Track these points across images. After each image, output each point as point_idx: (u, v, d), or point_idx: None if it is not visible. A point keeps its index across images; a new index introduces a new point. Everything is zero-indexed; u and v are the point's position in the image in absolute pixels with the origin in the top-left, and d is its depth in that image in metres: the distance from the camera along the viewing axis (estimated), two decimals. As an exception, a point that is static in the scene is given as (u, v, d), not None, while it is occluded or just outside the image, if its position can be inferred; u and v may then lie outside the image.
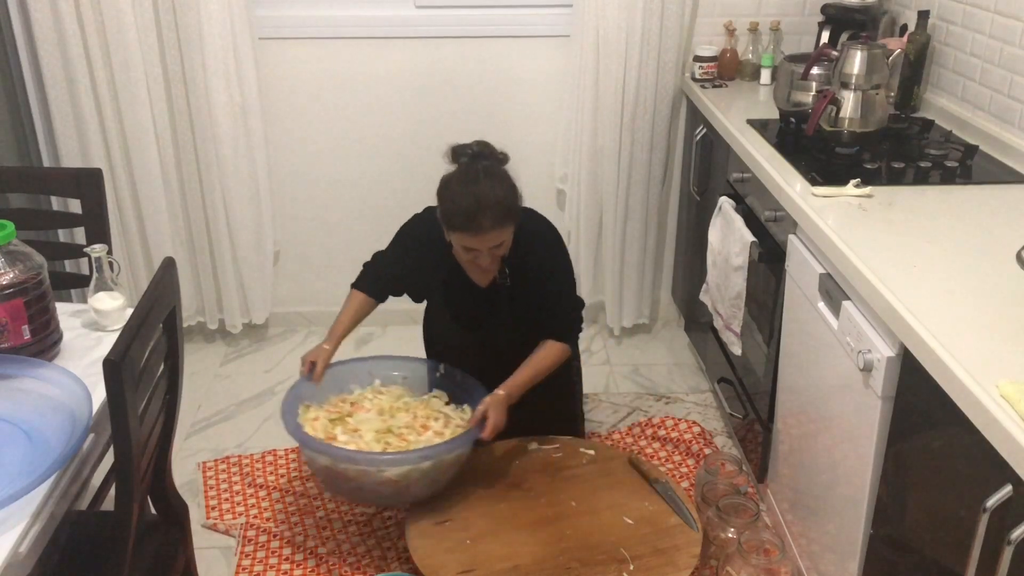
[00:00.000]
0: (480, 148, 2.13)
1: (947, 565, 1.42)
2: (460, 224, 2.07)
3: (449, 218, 2.08)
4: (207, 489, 2.53)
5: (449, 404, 2.40)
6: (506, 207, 2.07)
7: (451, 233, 2.11)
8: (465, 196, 2.04)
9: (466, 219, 2.05)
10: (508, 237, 2.13)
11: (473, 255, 2.13)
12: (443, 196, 2.10)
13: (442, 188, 2.11)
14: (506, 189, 2.09)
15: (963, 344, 1.37)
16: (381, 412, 2.32)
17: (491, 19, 3.01)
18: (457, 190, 2.07)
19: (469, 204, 2.03)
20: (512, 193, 2.11)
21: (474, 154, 2.12)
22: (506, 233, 2.11)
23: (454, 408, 2.38)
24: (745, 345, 2.44)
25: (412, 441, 2.22)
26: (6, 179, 2.32)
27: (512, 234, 2.15)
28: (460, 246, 2.13)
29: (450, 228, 2.10)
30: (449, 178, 2.11)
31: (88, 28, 2.78)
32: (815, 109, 2.22)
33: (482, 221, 2.04)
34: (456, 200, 2.06)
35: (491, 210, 2.04)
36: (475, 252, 2.12)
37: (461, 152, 2.13)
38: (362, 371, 2.44)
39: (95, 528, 1.70)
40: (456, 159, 2.13)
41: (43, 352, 1.68)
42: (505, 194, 2.08)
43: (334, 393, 2.37)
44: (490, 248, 2.10)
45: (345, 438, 2.20)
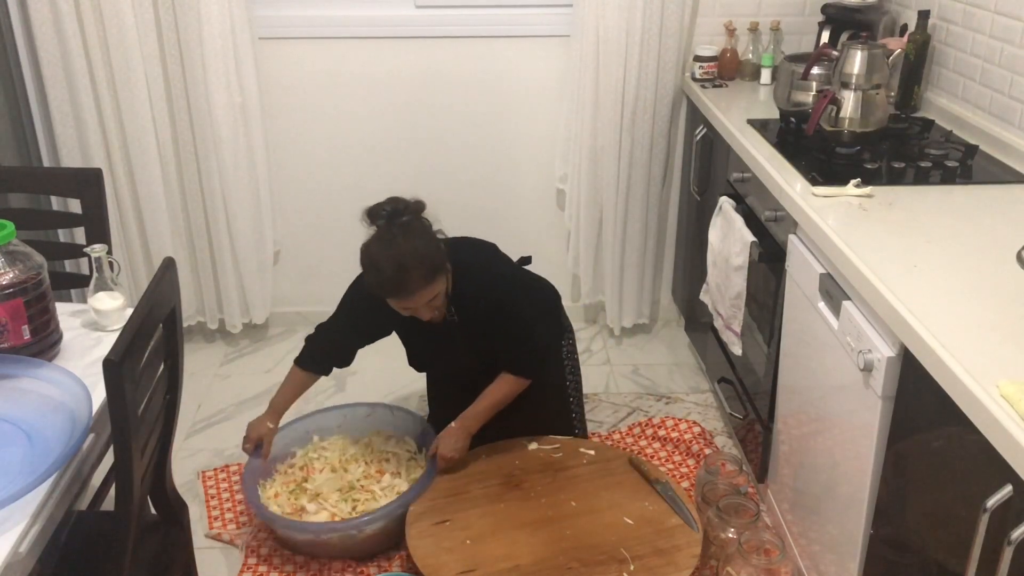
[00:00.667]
0: (393, 206, 2.08)
1: (947, 565, 1.42)
2: (389, 292, 2.07)
3: (377, 289, 2.07)
4: (208, 499, 2.51)
5: (390, 439, 2.54)
6: (430, 264, 2.05)
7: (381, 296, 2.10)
8: (387, 264, 2.02)
9: (394, 287, 2.04)
10: (441, 287, 2.12)
11: (411, 312, 2.13)
12: (366, 267, 2.07)
13: (364, 258, 2.07)
14: (426, 243, 2.06)
15: (963, 344, 1.37)
16: (334, 469, 2.42)
17: (491, 19, 3.01)
18: (378, 259, 2.03)
19: (392, 272, 2.02)
20: (433, 246, 2.08)
21: (388, 214, 2.07)
22: (437, 286, 2.10)
23: (396, 442, 2.53)
24: (745, 345, 2.44)
25: (376, 491, 2.34)
26: (6, 179, 2.32)
27: (444, 282, 2.13)
28: (396, 307, 2.12)
29: (382, 296, 2.09)
30: (368, 245, 2.08)
31: (88, 28, 2.78)
32: (815, 109, 2.22)
33: (410, 286, 2.03)
34: (380, 270, 2.03)
35: (415, 271, 2.02)
36: (412, 310, 2.12)
37: (376, 214, 2.09)
38: (299, 432, 2.52)
39: (95, 528, 1.70)
40: (373, 222, 2.09)
41: (43, 352, 1.68)
42: (426, 250, 2.05)
43: (280, 461, 2.46)
44: (426, 303, 2.10)
45: (313, 507, 2.30)
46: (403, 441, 2.53)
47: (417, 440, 2.51)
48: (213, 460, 2.68)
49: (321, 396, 3.00)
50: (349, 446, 2.50)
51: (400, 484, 2.36)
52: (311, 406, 2.91)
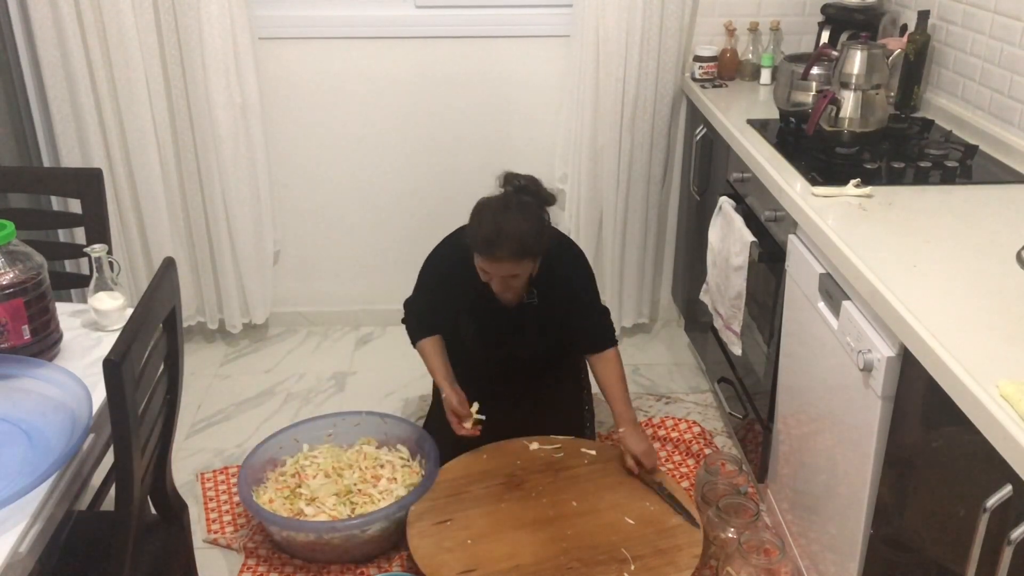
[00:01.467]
0: (527, 183, 2.21)
1: (947, 565, 1.42)
2: (477, 247, 2.16)
3: (471, 238, 2.17)
4: (207, 501, 2.51)
5: (381, 448, 2.53)
6: (524, 244, 2.12)
7: (474, 253, 2.18)
8: (490, 223, 2.13)
9: (484, 245, 2.13)
10: (524, 271, 2.19)
11: (486, 276, 2.20)
12: (473, 216, 2.19)
13: (475, 209, 2.20)
14: (531, 227, 2.14)
15: (963, 344, 1.37)
16: (328, 475, 2.41)
17: (491, 19, 3.01)
18: (486, 215, 2.15)
19: (490, 232, 2.12)
20: (535, 233, 2.15)
21: (519, 187, 2.20)
22: (521, 267, 2.17)
23: (388, 450, 2.52)
24: (745, 345, 2.44)
25: (374, 494, 2.33)
26: (6, 179, 2.32)
27: (530, 268, 2.21)
28: (477, 266, 2.21)
29: (471, 247, 2.18)
30: (485, 201, 2.20)
31: (88, 28, 2.78)
32: (815, 109, 2.22)
33: (497, 251, 2.12)
34: (481, 224, 2.14)
35: (509, 243, 2.11)
36: (488, 277, 2.20)
37: (510, 180, 2.22)
38: (287, 440, 2.51)
39: (95, 528, 1.70)
40: (504, 184, 2.22)
41: (43, 352, 1.68)
42: (527, 231, 2.13)
43: (269, 469, 2.45)
44: (502, 276, 2.17)
45: (312, 510, 2.29)
46: (395, 448, 2.52)
47: (411, 447, 2.50)
48: (213, 460, 2.68)
49: (320, 396, 3.00)
50: (340, 454, 2.48)
51: (397, 489, 2.35)
52: (309, 407, 2.92)
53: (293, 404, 2.96)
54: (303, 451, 2.50)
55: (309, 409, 2.92)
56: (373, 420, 2.56)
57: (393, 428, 2.54)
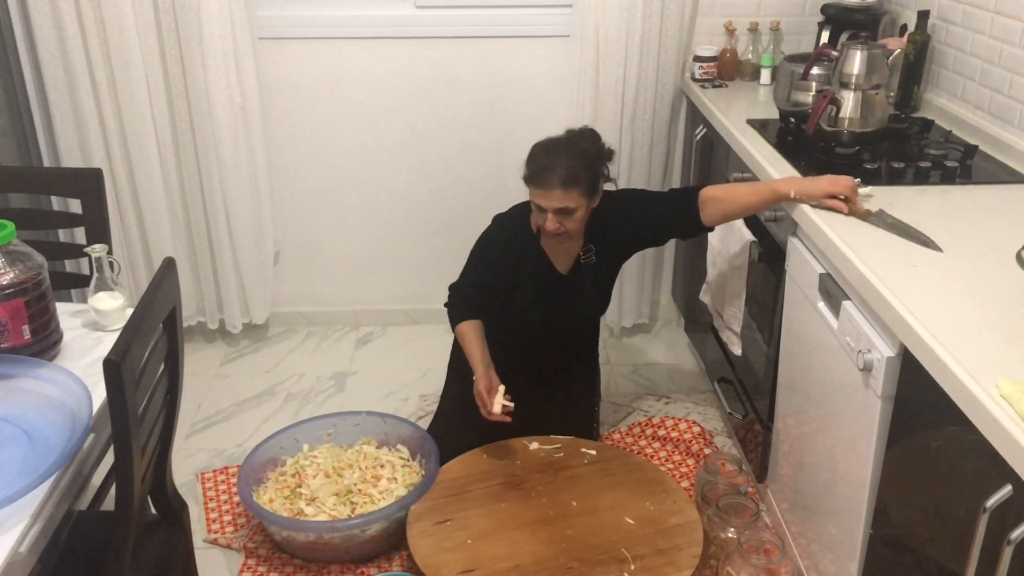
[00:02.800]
0: (585, 130, 2.30)
1: (947, 565, 1.42)
2: (528, 176, 2.21)
3: (526, 171, 2.22)
4: (207, 501, 2.50)
5: (381, 448, 2.52)
6: (573, 173, 2.16)
7: (528, 187, 2.23)
8: (543, 154, 2.21)
9: (535, 173, 2.19)
10: (574, 203, 2.19)
11: (542, 217, 2.22)
12: (529, 154, 2.25)
13: (532, 148, 2.26)
14: (582, 161, 2.19)
15: (963, 344, 1.37)
16: (328, 475, 2.41)
17: (491, 19, 3.01)
18: (539, 149, 2.23)
19: (541, 161, 2.19)
20: (585, 165, 2.19)
21: (578, 132, 2.28)
22: (571, 198, 2.17)
23: (388, 450, 2.51)
24: (745, 345, 2.44)
25: (375, 494, 2.33)
26: (6, 179, 2.32)
27: (581, 205, 2.21)
28: (532, 203, 2.25)
29: (526, 181, 2.23)
30: (542, 142, 2.26)
31: (88, 28, 2.78)
32: (815, 109, 2.22)
33: (548, 177, 2.16)
34: (535, 156, 2.22)
35: (559, 170, 2.15)
36: (543, 214, 2.21)
37: (572, 129, 2.30)
38: (287, 440, 2.51)
39: (95, 528, 1.70)
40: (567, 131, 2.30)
41: (43, 352, 1.68)
42: (577, 162, 2.18)
43: (269, 469, 2.44)
44: (555, 210, 2.19)
45: (312, 510, 2.29)
46: (395, 448, 2.52)
47: (411, 447, 2.50)
48: (213, 460, 2.68)
49: (320, 396, 3.00)
50: (340, 454, 2.48)
51: (398, 489, 2.35)
52: (309, 407, 2.93)
53: (293, 404, 2.96)
54: (303, 451, 2.50)
55: (309, 409, 2.92)
56: (373, 420, 2.56)
57: (393, 428, 2.54)
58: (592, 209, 2.26)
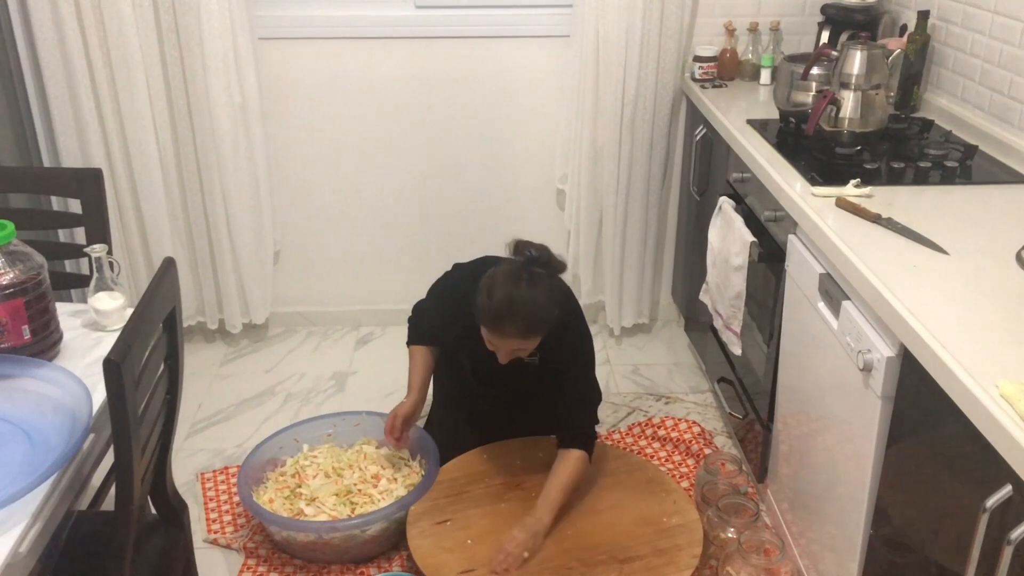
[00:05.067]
0: (539, 254, 2.06)
1: (947, 565, 1.42)
2: (485, 322, 2.05)
3: (479, 311, 2.05)
4: (207, 501, 2.50)
5: (381, 448, 2.51)
6: (535, 320, 2.03)
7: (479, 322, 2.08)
8: (501, 297, 2.00)
9: (493, 319, 2.03)
10: (531, 345, 2.09)
11: (492, 347, 2.11)
12: (483, 288, 2.04)
13: (486, 279, 2.05)
14: (542, 303, 2.03)
15: (963, 344, 1.37)
16: (328, 475, 2.40)
17: (491, 19, 3.01)
18: (496, 288, 2.02)
19: (499, 306, 2.00)
20: (545, 309, 2.04)
21: (530, 258, 2.05)
22: (528, 343, 2.07)
23: (388, 449, 2.50)
24: (745, 345, 2.44)
25: (374, 494, 2.33)
26: (6, 179, 2.32)
27: (536, 342, 2.09)
28: (484, 336, 2.10)
29: (479, 319, 2.06)
30: (496, 273, 2.06)
31: (88, 28, 2.78)
32: (815, 109, 2.22)
33: (507, 327, 2.02)
34: (491, 297, 2.01)
35: (520, 319, 2.01)
36: (494, 347, 2.10)
37: (520, 250, 2.08)
38: (287, 440, 2.51)
39: (95, 528, 1.70)
40: (515, 253, 2.08)
41: (43, 352, 1.68)
42: (540, 307, 2.02)
43: (269, 469, 2.44)
44: (510, 351, 2.09)
45: (312, 510, 2.29)
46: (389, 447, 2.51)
47: (411, 447, 2.49)
48: (213, 460, 2.68)
49: (320, 396, 3.00)
50: (340, 454, 2.48)
51: (397, 489, 2.35)
52: (309, 407, 2.92)
53: (293, 404, 2.96)
54: (303, 451, 2.50)
55: (309, 409, 2.92)
56: (373, 420, 2.55)
57: None
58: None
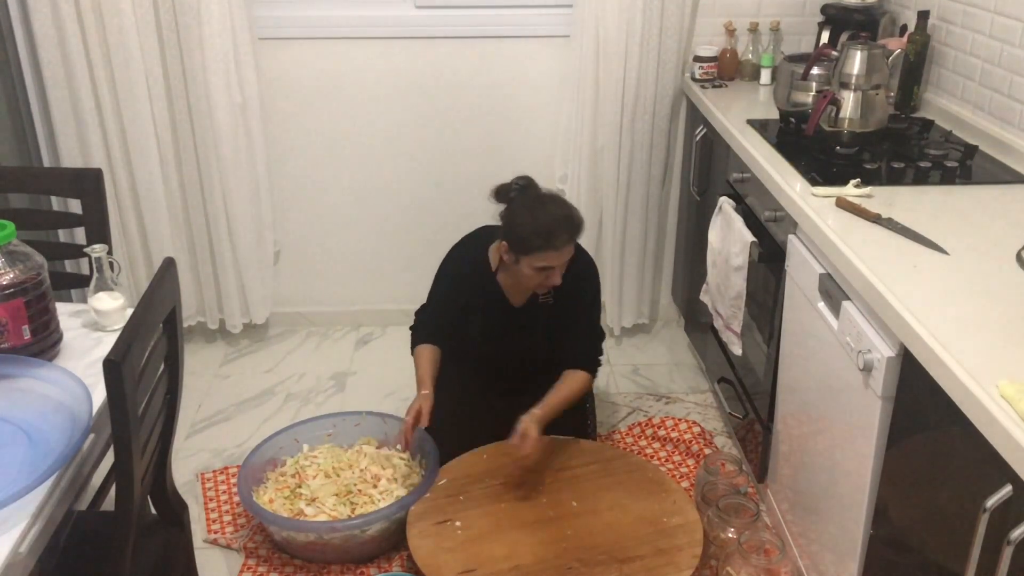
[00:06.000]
0: (526, 182, 2.22)
1: (947, 565, 1.42)
2: (540, 244, 2.14)
3: (526, 241, 2.15)
4: (207, 501, 2.50)
5: (381, 448, 2.52)
6: (577, 221, 2.18)
7: (526, 256, 2.17)
8: (541, 218, 2.14)
9: (547, 235, 2.13)
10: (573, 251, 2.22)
11: (545, 274, 2.19)
12: (515, 223, 2.17)
13: (510, 218, 2.18)
14: (570, 206, 2.21)
15: (963, 344, 1.37)
16: (328, 475, 2.40)
17: (491, 19, 3.01)
18: (530, 215, 2.15)
19: (546, 224, 2.13)
20: (575, 208, 2.21)
21: (522, 187, 2.21)
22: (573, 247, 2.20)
23: (387, 450, 2.50)
24: (745, 345, 2.44)
25: (375, 495, 2.32)
26: (6, 179, 2.32)
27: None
28: (533, 267, 2.18)
29: (527, 251, 2.16)
30: (515, 208, 2.19)
31: (88, 28, 2.78)
32: (815, 109, 2.22)
33: (560, 236, 2.14)
34: (534, 223, 2.14)
35: (566, 225, 2.15)
36: (548, 271, 2.18)
37: (508, 189, 2.22)
38: (287, 440, 2.50)
39: (95, 528, 1.70)
40: (505, 196, 2.22)
41: (43, 352, 1.68)
42: (572, 210, 2.19)
43: (269, 469, 2.44)
44: (563, 263, 2.19)
45: (312, 510, 2.29)
46: (396, 448, 2.51)
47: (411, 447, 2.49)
48: (213, 460, 2.68)
49: (320, 396, 3.00)
50: (340, 454, 2.48)
51: (397, 490, 2.35)
52: (309, 407, 2.93)
53: (293, 404, 2.96)
54: (303, 451, 2.50)
55: (309, 409, 2.92)
56: (373, 420, 2.55)
57: (393, 428, 2.53)
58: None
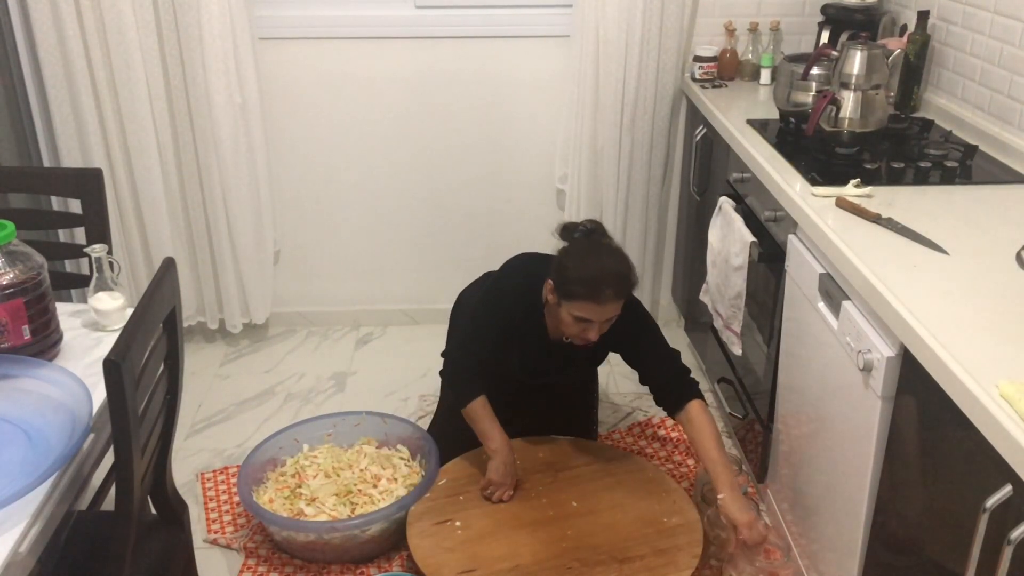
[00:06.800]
0: (594, 226, 2.16)
1: (947, 565, 1.42)
2: (583, 294, 2.03)
3: (570, 287, 2.05)
4: (207, 501, 2.50)
5: (381, 448, 2.52)
6: (628, 282, 2.08)
7: (567, 303, 2.07)
8: (591, 266, 2.04)
9: (592, 289, 2.03)
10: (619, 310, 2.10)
11: (583, 327, 2.08)
12: (564, 266, 2.07)
13: (562, 259, 2.09)
14: (628, 264, 2.10)
15: (963, 344, 1.37)
16: (328, 475, 2.40)
17: (491, 19, 3.01)
18: (582, 261, 2.06)
19: (594, 274, 2.03)
20: (632, 269, 2.11)
21: (588, 230, 2.14)
22: (620, 307, 2.09)
23: (388, 450, 2.50)
24: (745, 345, 2.44)
25: (375, 495, 2.32)
26: (6, 179, 2.32)
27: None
28: (572, 316, 2.08)
29: (569, 298, 2.06)
30: (569, 250, 2.11)
31: (88, 28, 2.78)
32: (815, 109, 2.22)
33: (605, 291, 2.03)
34: (582, 270, 2.04)
35: (615, 281, 2.04)
36: (586, 324, 2.08)
37: (574, 228, 2.16)
38: (288, 440, 2.50)
39: (95, 528, 1.70)
40: (569, 235, 2.16)
41: (43, 352, 1.68)
42: (628, 269, 2.09)
43: (269, 469, 2.44)
44: (604, 320, 2.08)
45: (312, 510, 2.29)
46: (396, 448, 2.52)
47: (411, 447, 2.50)
48: (213, 460, 2.68)
49: (320, 396, 3.00)
50: (340, 454, 2.48)
51: (398, 489, 2.35)
52: (309, 407, 2.93)
53: (293, 404, 2.96)
54: (303, 451, 2.50)
55: (309, 409, 2.92)
56: (373, 420, 2.55)
57: (393, 428, 2.54)
58: None
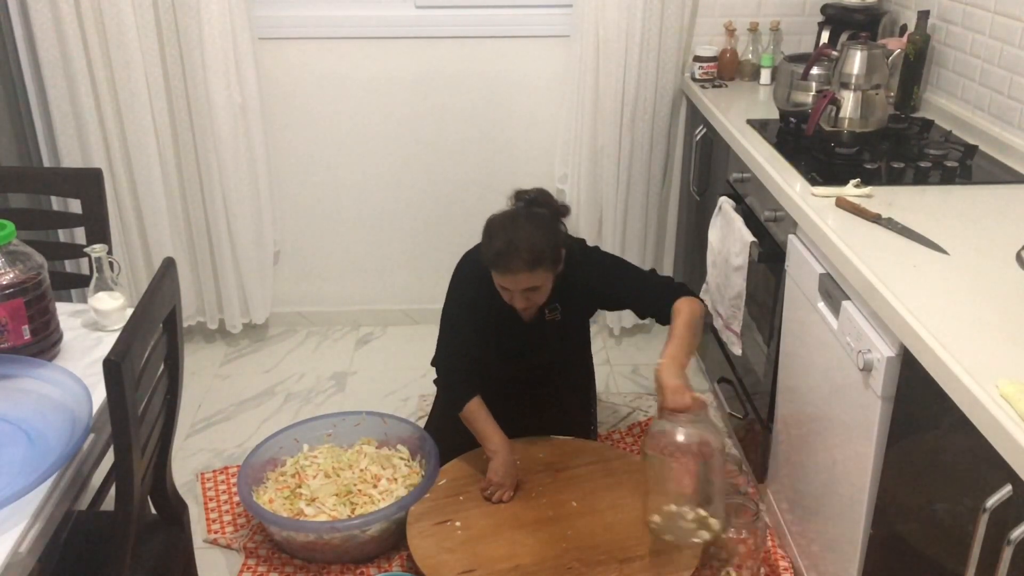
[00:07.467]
0: (537, 195, 2.17)
1: (947, 565, 1.42)
2: (490, 261, 2.11)
3: (485, 256, 2.12)
4: (207, 501, 2.50)
5: (381, 448, 2.51)
6: (537, 253, 2.07)
7: (492, 273, 2.15)
8: (500, 236, 2.09)
9: (495, 257, 2.09)
10: (542, 283, 2.13)
11: (508, 294, 2.16)
12: (484, 234, 2.14)
13: (486, 226, 2.15)
14: (543, 236, 2.09)
15: (963, 344, 1.37)
16: (328, 475, 2.40)
17: (491, 19, 3.01)
18: (495, 230, 2.11)
19: (501, 245, 2.08)
20: (548, 242, 2.10)
21: (530, 200, 2.17)
22: (537, 278, 2.11)
23: (388, 449, 2.50)
24: (745, 345, 2.44)
25: (375, 495, 2.32)
26: (6, 179, 2.32)
27: (548, 279, 2.15)
28: (497, 284, 2.17)
29: (488, 267, 2.13)
30: (494, 216, 2.16)
31: (88, 28, 2.78)
32: (815, 109, 2.22)
33: (510, 262, 2.07)
34: (493, 239, 2.10)
35: (522, 253, 2.06)
36: (508, 292, 2.15)
37: (519, 196, 2.18)
38: (288, 440, 2.50)
39: (95, 528, 1.70)
40: (515, 200, 2.19)
41: (43, 352, 1.68)
42: (539, 241, 2.08)
43: (269, 469, 2.44)
44: (522, 290, 2.12)
45: (312, 510, 2.29)
46: (396, 448, 2.52)
47: (411, 447, 2.50)
48: (213, 460, 2.68)
49: (320, 396, 3.00)
50: (340, 454, 2.48)
51: (397, 490, 2.35)
52: (309, 407, 2.93)
53: (293, 404, 2.96)
54: (303, 451, 2.50)
55: (309, 409, 2.92)
56: (373, 420, 2.55)
57: (393, 428, 2.54)
58: (559, 271, 2.19)
